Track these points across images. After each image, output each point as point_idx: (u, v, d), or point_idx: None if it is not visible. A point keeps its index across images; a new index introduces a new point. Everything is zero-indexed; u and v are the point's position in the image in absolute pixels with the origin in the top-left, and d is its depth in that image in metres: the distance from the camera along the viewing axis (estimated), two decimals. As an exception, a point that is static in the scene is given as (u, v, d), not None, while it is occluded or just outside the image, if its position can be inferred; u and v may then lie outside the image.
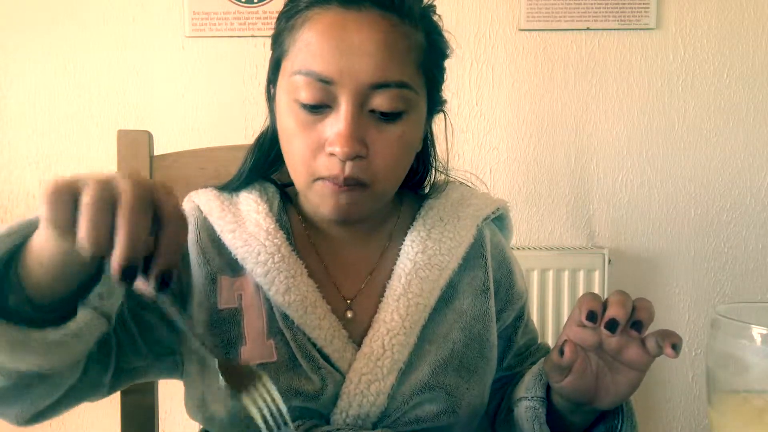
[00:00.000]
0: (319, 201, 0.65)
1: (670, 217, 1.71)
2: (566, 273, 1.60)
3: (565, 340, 0.60)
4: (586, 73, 1.68)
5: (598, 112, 1.69)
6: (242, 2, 1.65)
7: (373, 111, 0.63)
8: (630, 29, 1.66)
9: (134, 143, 0.91)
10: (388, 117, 0.63)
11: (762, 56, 1.68)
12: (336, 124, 0.62)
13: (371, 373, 0.65)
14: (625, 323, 0.56)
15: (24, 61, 1.68)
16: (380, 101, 0.62)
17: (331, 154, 0.62)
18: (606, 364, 0.60)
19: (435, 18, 0.69)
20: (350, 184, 0.63)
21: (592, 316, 0.56)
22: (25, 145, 1.70)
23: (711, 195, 1.70)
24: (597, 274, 1.60)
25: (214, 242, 0.70)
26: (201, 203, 0.72)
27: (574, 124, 1.69)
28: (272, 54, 0.70)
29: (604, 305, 0.57)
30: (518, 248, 1.65)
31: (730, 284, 1.72)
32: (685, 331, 1.72)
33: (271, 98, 0.72)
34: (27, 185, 1.71)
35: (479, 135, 1.69)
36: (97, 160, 1.70)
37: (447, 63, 0.72)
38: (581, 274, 1.60)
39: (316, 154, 0.63)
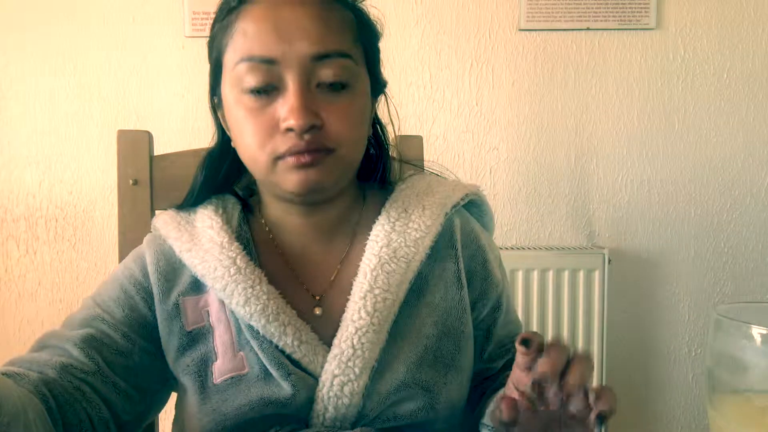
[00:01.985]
0: (284, 179, 0.65)
1: (670, 217, 1.71)
2: (566, 273, 1.60)
3: (503, 397, 0.52)
4: (586, 73, 1.68)
5: (598, 112, 1.69)
6: (242, 2, 1.65)
7: (319, 85, 0.64)
8: (630, 29, 1.66)
9: (134, 143, 0.91)
10: (335, 87, 0.65)
11: (762, 56, 1.67)
12: (287, 102, 0.63)
13: (343, 375, 0.64)
14: (553, 380, 0.50)
15: (24, 61, 1.68)
16: (325, 73, 0.64)
17: (288, 129, 0.63)
18: (553, 416, 0.54)
19: (361, 5, 0.71)
20: (314, 150, 0.63)
21: (525, 342, 0.51)
22: (25, 145, 1.70)
23: (711, 195, 1.70)
24: (597, 274, 1.59)
25: (173, 266, 0.70)
26: (159, 226, 0.73)
27: (574, 124, 1.69)
28: (210, 60, 0.71)
29: (542, 347, 0.51)
30: (518, 248, 1.65)
31: (730, 284, 1.72)
32: (685, 331, 1.72)
33: (215, 108, 0.73)
34: (27, 185, 1.71)
35: (479, 135, 1.69)
36: (97, 160, 1.70)
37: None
38: (581, 274, 1.59)
39: (272, 134, 0.64)
